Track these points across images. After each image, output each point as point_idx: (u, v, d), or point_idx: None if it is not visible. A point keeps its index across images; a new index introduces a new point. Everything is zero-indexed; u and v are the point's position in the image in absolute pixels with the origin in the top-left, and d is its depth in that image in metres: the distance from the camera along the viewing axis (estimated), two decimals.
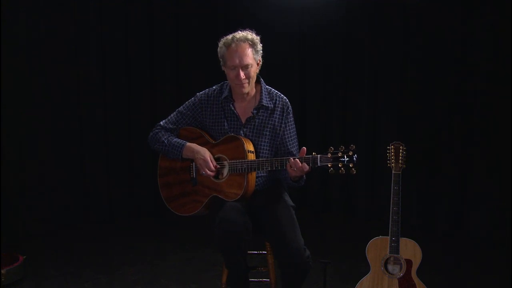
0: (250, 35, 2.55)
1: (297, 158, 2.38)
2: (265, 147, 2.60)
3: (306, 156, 2.37)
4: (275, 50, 2.65)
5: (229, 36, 2.55)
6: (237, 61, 2.49)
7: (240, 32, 2.56)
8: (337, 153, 2.33)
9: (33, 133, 4.38)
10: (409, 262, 2.63)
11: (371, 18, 4.84)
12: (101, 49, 4.78)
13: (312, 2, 5.07)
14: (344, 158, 2.32)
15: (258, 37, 2.57)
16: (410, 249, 2.64)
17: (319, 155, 2.35)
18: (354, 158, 2.31)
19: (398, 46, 4.71)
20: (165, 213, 4.85)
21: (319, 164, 2.34)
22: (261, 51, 2.58)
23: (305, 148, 2.41)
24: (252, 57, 2.52)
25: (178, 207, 2.65)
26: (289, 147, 2.64)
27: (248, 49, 2.51)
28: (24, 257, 3.47)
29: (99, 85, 4.80)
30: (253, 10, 5.19)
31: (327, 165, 2.33)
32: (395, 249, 2.64)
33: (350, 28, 5.00)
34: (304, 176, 2.50)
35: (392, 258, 2.67)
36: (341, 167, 2.31)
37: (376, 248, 2.68)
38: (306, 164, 2.36)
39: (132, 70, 5.01)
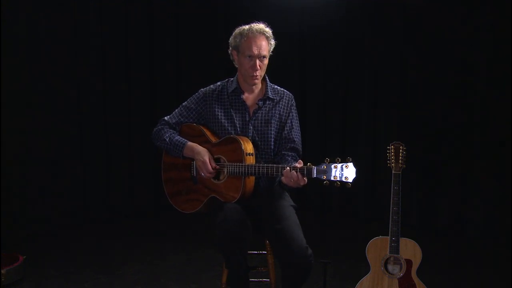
0: (267, 28, 2.59)
1: (290, 167, 2.33)
2: (273, 137, 2.61)
3: (301, 167, 2.32)
4: (275, 50, 2.65)
5: (246, 26, 2.59)
6: (256, 51, 2.53)
7: (257, 23, 2.59)
8: (333, 165, 2.26)
9: (33, 133, 4.38)
10: (409, 262, 2.63)
11: (371, 18, 4.85)
12: (101, 49, 4.78)
13: (312, 2, 5.08)
14: (339, 170, 2.25)
15: (270, 30, 2.60)
16: (410, 249, 2.64)
17: (314, 166, 2.29)
18: (350, 172, 2.24)
19: (398, 46, 4.71)
20: (165, 213, 4.90)
21: (314, 176, 2.29)
22: (273, 46, 2.62)
23: (301, 161, 2.38)
24: (267, 50, 2.57)
25: (179, 204, 2.66)
26: (290, 134, 2.65)
27: (265, 41, 2.56)
28: (24, 257, 3.47)
29: (99, 85, 4.81)
30: (253, 10, 5.19)
31: (322, 177, 2.27)
32: (395, 249, 2.64)
33: (350, 28, 5.00)
34: None
35: (392, 258, 2.67)
36: (336, 180, 2.25)
37: (376, 248, 2.68)
38: (302, 176, 2.30)
39: (132, 70, 5.02)
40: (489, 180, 4.31)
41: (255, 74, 2.55)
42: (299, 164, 2.33)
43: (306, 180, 2.32)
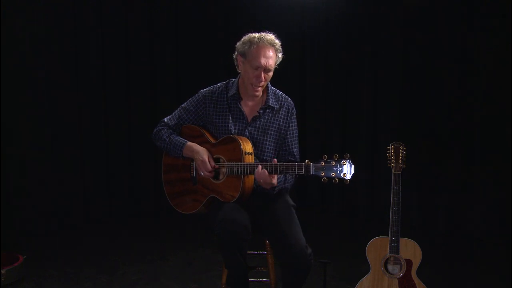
0: (277, 40, 2.54)
1: (262, 165, 2.35)
2: (269, 147, 2.60)
3: (299, 164, 2.33)
4: None
5: (256, 35, 2.53)
6: (263, 62, 2.48)
7: (267, 34, 2.55)
8: (331, 161, 2.27)
9: (33, 133, 4.38)
10: (409, 262, 2.63)
11: (372, 18, 4.85)
12: (101, 49, 4.78)
13: (312, 2, 5.08)
14: (337, 167, 2.26)
15: (279, 43, 2.56)
16: (410, 249, 2.64)
17: (311, 163, 2.30)
18: (348, 168, 2.25)
19: (398, 46, 4.71)
20: (165, 213, 4.90)
21: (312, 173, 2.29)
22: (280, 60, 2.57)
23: (275, 160, 2.38)
24: (274, 63, 2.53)
25: (179, 205, 2.67)
26: (290, 146, 2.64)
27: (273, 52, 2.51)
28: (24, 257, 3.47)
29: (99, 84, 4.81)
30: (253, 10, 5.20)
31: (321, 174, 2.28)
32: (395, 249, 2.64)
33: (350, 28, 5.00)
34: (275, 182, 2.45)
35: (392, 258, 2.67)
36: (334, 176, 2.26)
37: (376, 248, 2.68)
38: (269, 174, 2.35)
39: (132, 70, 5.02)
40: (489, 180, 4.30)
41: (258, 85, 2.52)
42: (274, 161, 2.37)
43: (275, 179, 2.37)
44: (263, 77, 2.50)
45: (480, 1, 4.26)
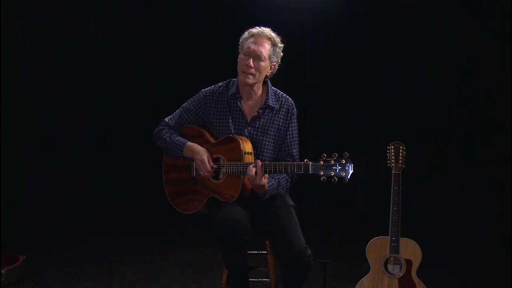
0: (274, 34, 2.56)
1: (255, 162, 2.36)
2: (269, 147, 2.59)
3: (298, 163, 2.33)
4: None
5: (256, 28, 2.56)
6: (253, 47, 2.49)
7: (270, 30, 2.57)
8: (330, 161, 2.27)
9: (33, 133, 4.38)
10: (409, 262, 2.63)
11: (372, 18, 4.85)
12: (101, 49, 4.78)
13: (312, 2, 5.08)
14: (336, 166, 2.26)
15: (282, 45, 2.57)
16: (410, 249, 2.64)
17: (310, 162, 2.30)
18: (347, 167, 2.25)
19: (398, 46, 4.71)
20: (165, 213, 4.90)
21: (310, 172, 2.29)
22: (279, 57, 2.57)
23: (259, 161, 2.38)
24: (268, 53, 2.52)
25: (179, 205, 2.66)
26: (289, 147, 2.63)
27: (268, 44, 2.52)
28: (24, 257, 3.47)
29: (99, 84, 4.81)
30: (253, 10, 5.19)
31: (320, 173, 2.28)
32: (395, 249, 2.64)
33: (350, 28, 5.00)
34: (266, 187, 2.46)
35: (392, 258, 2.67)
36: (333, 175, 2.26)
37: (376, 248, 2.68)
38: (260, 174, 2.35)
39: (132, 70, 5.02)
40: (489, 180, 4.30)
41: (246, 71, 2.50)
42: (259, 163, 2.36)
43: (264, 178, 2.36)
44: (251, 63, 2.48)
45: (480, 1, 4.26)
